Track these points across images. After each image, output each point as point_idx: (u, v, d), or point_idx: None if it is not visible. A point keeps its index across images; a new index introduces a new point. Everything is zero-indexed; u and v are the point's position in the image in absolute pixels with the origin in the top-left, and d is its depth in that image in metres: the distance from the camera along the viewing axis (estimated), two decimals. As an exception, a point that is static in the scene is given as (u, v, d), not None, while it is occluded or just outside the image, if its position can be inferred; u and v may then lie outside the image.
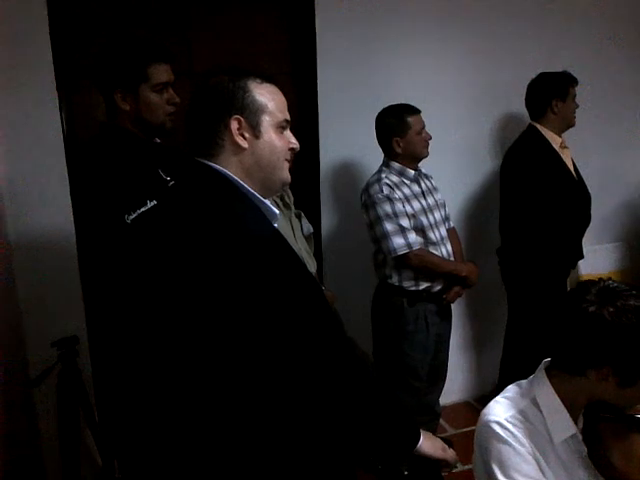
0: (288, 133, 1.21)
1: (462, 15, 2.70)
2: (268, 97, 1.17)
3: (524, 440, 1.15)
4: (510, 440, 1.15)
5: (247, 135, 1.15)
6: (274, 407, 1.09)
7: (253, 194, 1.16)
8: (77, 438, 1.98)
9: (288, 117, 1.21)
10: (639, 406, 1.20)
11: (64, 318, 2.14)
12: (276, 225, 1.20)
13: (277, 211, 1.21)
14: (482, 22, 2.73)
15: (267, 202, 1.19)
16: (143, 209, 1.47)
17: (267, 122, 1.16)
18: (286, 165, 1.21)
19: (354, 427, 1.14)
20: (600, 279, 1.19)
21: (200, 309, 1.07)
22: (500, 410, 1.19)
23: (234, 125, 1.14)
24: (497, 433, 1.16)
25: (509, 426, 1.16)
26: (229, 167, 1.16)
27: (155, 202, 1.48)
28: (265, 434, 1.10)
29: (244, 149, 1.15)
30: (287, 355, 1.07)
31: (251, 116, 1.15)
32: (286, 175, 1.22)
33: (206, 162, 1.17)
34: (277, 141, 1.18)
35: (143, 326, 1.24)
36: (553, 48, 2.84)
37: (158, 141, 1.73)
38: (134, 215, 1.46)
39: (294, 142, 1.22)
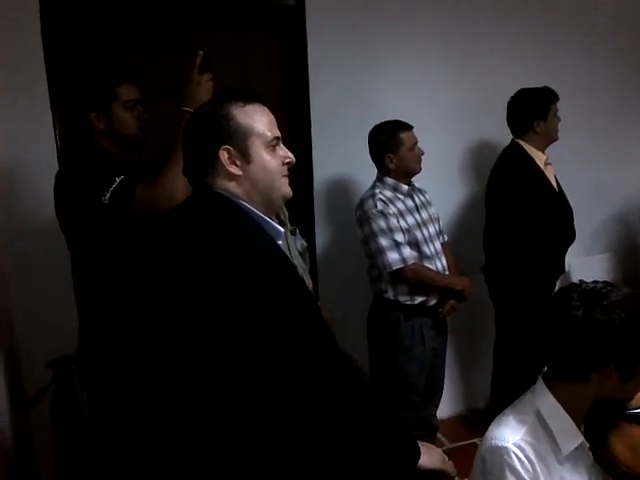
0: (281, 149, 1.22)
1: (451, 33, 2.75)
2: (253, 119, 1.18)
3: (532, 465, 1.15)
4: (518, 467, 1.15)
5: (239, 162, 1.17)
6: (273, 426, 1.08)
7: (255, 213, 1.18)
8: (73, 462, 1.96)
9: (277, 134, 1.21)
10: (638, 397, 1.23)
11: (59, 335, 2.12)
12: (280, 242, 1.21)
13: (282, 229, 1.22)
14: (470, 39, 2.78)
15: (270, 221, 1.20)
16: (114, 185, 1.58)
17: (256, 145, 1.17)
18: (284, 181, 1.22)
19: (353, 446, 1.13)
20: (572, 284, 1.21)
21: (201, 325, 1.07)
22: (508, 434, 1.19)
23: (224, 156, 1.16)
24: (505, 460, 1.16)
25: (518, 452, 1.16)
26: (228, 191, 1.17)
27: (123, 177, 1.60)
28: (264, 452, 1.09)
29: (239, 176, 1.17)
30: (286, 374, 1.07)
31: (239, 143, 1.16)
32: (286, 190, 1.23)
33: (207, 185, 1.18)
34: (270, 161, 1.19)
35: (142, 339, 1.24)
36: (538, 63, 2.89)
37: (136, 158, 1.85)
38: (108, 194, 1.58)
39: (289, 156, 1.23)
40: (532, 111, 2.53)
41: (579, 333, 1.13)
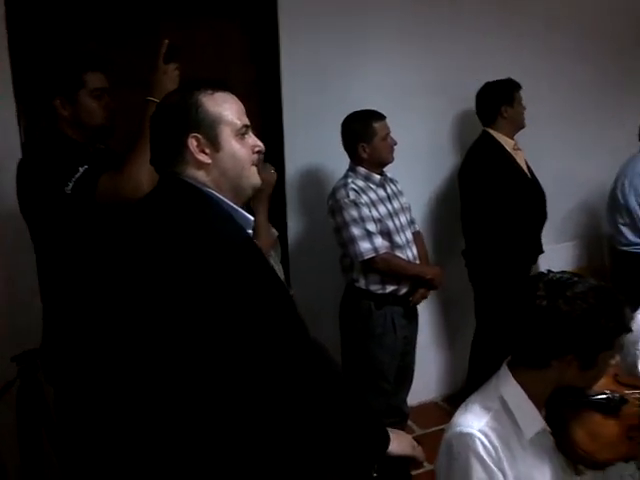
0: (250, 137, 1.21)
1: (422, 19, 2.74)
2: (222, 107, 1.17)
3: (496, 450, 1.17)
4: (482, 453, 1.16)
5: (208, 150, 1.15)
6: (241, 414, 1.08)
7: (224, 202, 1.17)
8: (40, 458, 1.92)
9: (247, 122, 1.20)
10: (599, 384, 1.26)
11: (25, 329, 2.07)
12: (250, 231, 1.21)
13: (251, 217, 1.21)
14: (442, 26, 2.79)
15: (240, 209, 1.19)
16: (77, 175, 1.55)
17: (225, 133, 1.16)
18: (254, 169, 1.22)
19: (324, 433, 1.14)
20: (540, 273, 1.25)
21: (168, 315, 1.07)
22: (473, 420, 1.21)
23: (192, 144, 1.14)
24: (470, 446, 1.17)
25: (482, 438, 1.17)
26: (197, 180, 1.16)
27: (87, 166, 1.56)
28: (230, 438, 1.09)
29: (207, 164, 1.16)
30: (256, 363, 1.06)
31: (208, 130, 1.15)
32: (255, 179, 1.22)
33: (175, 174, 1.16)
34: (239, 149, 1.18)
35: (108, 332, 1.24)
36: (512, 51, 2.92)
37: (102, 147, 1.80)
38: (71, 184, 1.54)
39: (258, 144, 1.22)
40: (499, 98, 2.65)
41: (542, 322, 1.16)
